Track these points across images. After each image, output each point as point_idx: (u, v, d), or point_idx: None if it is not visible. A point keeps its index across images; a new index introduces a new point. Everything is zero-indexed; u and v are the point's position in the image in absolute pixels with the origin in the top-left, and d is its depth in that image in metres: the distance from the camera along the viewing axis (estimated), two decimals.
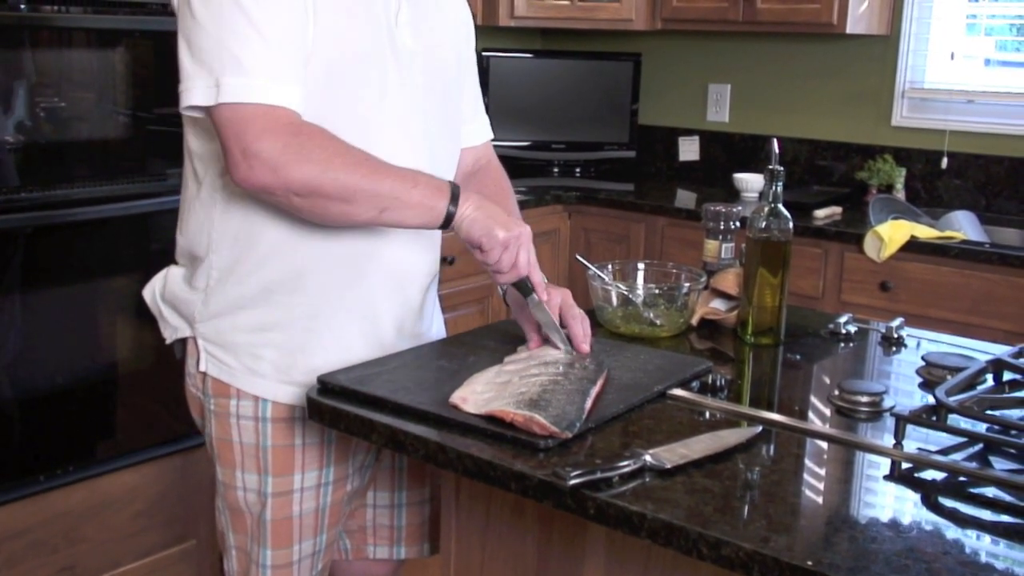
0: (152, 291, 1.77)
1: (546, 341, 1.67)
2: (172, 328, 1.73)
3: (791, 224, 1.83)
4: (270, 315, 1.65)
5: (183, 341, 1.73)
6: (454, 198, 1.56)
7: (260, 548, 1.72)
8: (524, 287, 1.63)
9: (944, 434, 1.41)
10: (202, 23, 1.48)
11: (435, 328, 1.89)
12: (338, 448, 1.72)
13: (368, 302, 1.69)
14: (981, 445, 1.40)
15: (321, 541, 1.76)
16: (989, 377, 1.62)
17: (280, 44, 1.49)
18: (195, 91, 1.49)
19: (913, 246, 3.03)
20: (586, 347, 1.65)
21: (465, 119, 1.90)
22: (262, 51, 1.48)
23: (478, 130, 1.95)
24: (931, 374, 1.68)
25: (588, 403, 1.42)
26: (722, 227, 2.02)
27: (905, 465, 1.35)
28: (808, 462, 1.38)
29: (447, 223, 1.57)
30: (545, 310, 1.64)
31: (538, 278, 1.64)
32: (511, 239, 1.58)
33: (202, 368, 1.69)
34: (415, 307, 1.77)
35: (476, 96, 1.95)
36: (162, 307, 1.74)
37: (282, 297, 1.64)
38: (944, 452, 1.37)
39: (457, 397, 1.45)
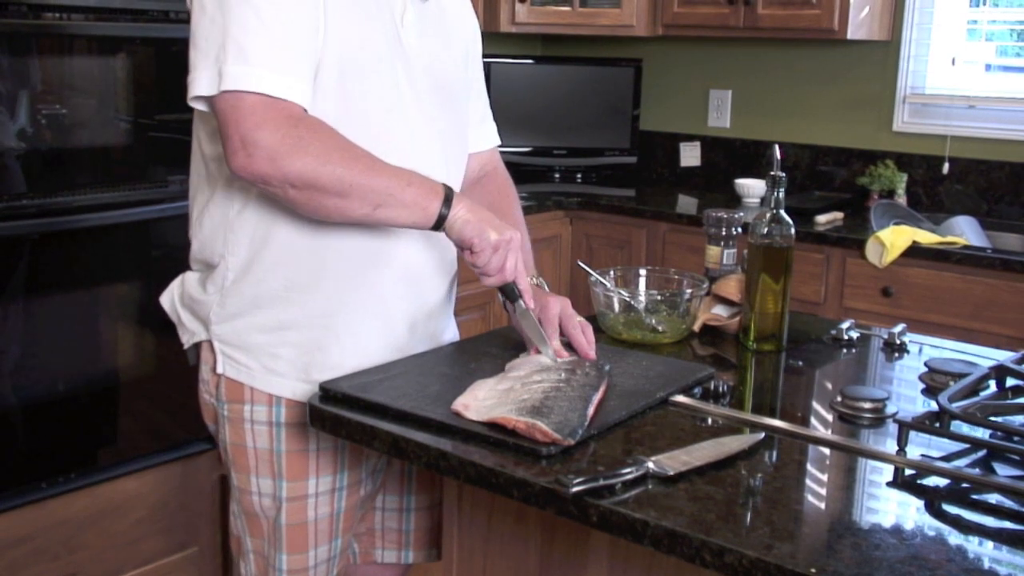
0: (171, 296, 1.77)
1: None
2: (189, 332, 1.73)
3: (793, 230, 1.83)
4: (287, 314, 1.65)
5: (197, 347, 1.73)
6: (447, 200, 1.56)
7: (276, 552, 1.72)
8: (510, 292, 1.64)
9: (947, 440, 1.40)
10: (211, 16, 1.50)
11: (450, 331, 1.89)
12: (351, 453, 1.72)
13: (382, 300, 1.69)
14: (984, 451, 1.40)
15: (336, 546, 1.76)
16: (992, 383, 1.62)
17: (287, 39, 1.50)
18: (200, 81, 1.50)
19: (915, 251, 3.03)
20: (592, 353, 1.65)
21: (472, 124, 1.90)
22: (268, 43, 1.49)
23: (485, 135, 1.96)
24: (934, 380, 1.68)
25: (590, 410, 1.42)
26: (724, 233, 2.02)
27: (908, 472, 1.35)
28: (811, 469, 1.37)
29: (439, 224, 1.57)
30: (530, 317, 1.65)
31: (525, 284, 1.65)
32: (502, 242, 1.58)
33: (219, 370, 1.69)
34: (430, 307, 1.77)
35: (483, 101, 1.96)
36: (180, 312, 1.74)
37: (298, 295, 1.64)
38: (947, 459, 1.37)
39: (459, 404, 1.45)
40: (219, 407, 1.72)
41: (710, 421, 1.51)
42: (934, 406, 1.45)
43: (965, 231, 3.22)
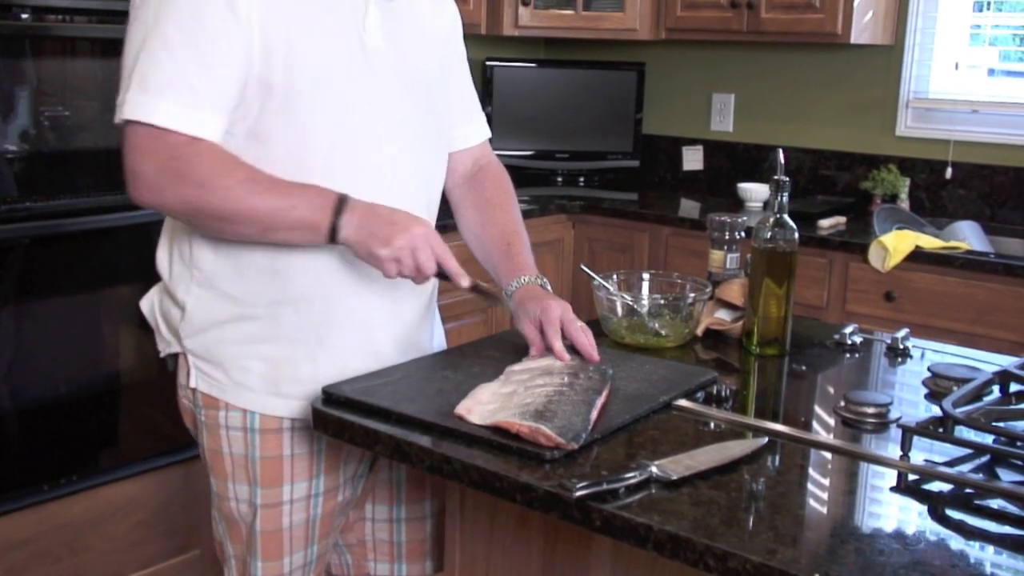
0: (150, 303, 1.76)
1: (548, 349, 1.66)
2: (165, 342, 1.73)
3: (796, 234, 1.83)
4: (256, 328, 1.64)
5: (174, 355, 1.73)
6: (337, 213, 1.53)
7: (252, 559, 1.71)
8: (443, 277, 1.60)
9: (951, 446, 1.40)
10: (131, 42, 1.53)
11: (436, 340, 1.87)
12: (328, 459, 1.71)
13: (358, 312, 1.67)
14: (988, 457, 1.39)
15: (312, 552, 1.74)
16: (996, 388, 1.62)
17: (196, 68, 1.51)
18: (118, 109, 1.53)
19: (918, 256, 3.03)
20: (596, 356, 1.64)
21: (459, 121, 1.88)
22: (170, 73, 1.50)
23: (475, 130, 1.93)
24: (937, 385, 1.67)
25: (594, 414, 1.42)
26: (727, 237, 2.02)
27: (912, 477, 1.35)
28: (814, 473, 1.37)
29: (336, 241, 1.54)
30: (478, 289, 1.65)
31: (452, 266, 1.59)
32: (396, 252, 1.53)
33: (192, 384, 1.69)
34: (410, 317, 1.75)
35: (469, 96, 1.92)
36: (158, 320, 1.74)
37: (265, 310, 1.63)
38: (951, 464, 1.37)
39: (462, 408, 1.45)
40: (196, 412, 1.72)
41: (713, 425, 1.50)
42: (937, 411, 1.45)
43: (968, 236, 3.22)
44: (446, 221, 1.83)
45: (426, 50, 1.76)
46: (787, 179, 1.83)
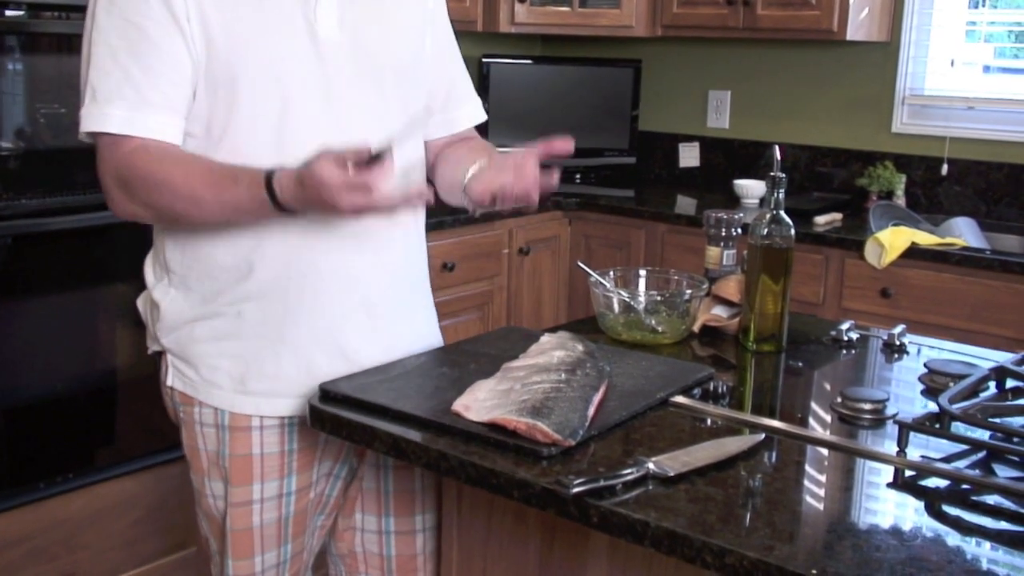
0: (143, 302, 1.78)
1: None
2: (152, 339, 1.75)
3: (793, 231, 1.83)
4: (223, 325, 1.65)
5: (159, 353, 1.74)
6: (271, 190, 1.49)
7: (224, 557, 1.71)
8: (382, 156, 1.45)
9: (947, 442, 1.40)
10: (83, 56, 1.56)
11: (428, 338, 1.82)
12: (301, 457, 1.70)
13: (324, 310, 1.65)
14: (984, 453, 1.39)
15: (286, 551, 1.73)
16: (992, 384, 1.62)
17: (138, 72, 1.52)
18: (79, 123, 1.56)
19: (914, 253, 3.03)
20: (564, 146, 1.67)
21: (439, 107, 1.83)
22: (116, 80, 1.52)
23: (468, 115, 1.90)
24: (934, 381, 1.68)
25: (591, 410, 1.42)
26: (724, 234, 2.02)
27: (908, 473, 1.35)
28: (810, 470, 1.37)
29: (282, 208, 1.50)
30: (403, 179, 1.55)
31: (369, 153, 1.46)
32: (339, 205, 1.44)
33: (169, 382, 1.70)
34: (377, 312, 1.71)
35: (460, 77, 1.88)
36: (147, 318, 1.76)
37: (232, 306, 1.64)
38: (947, 460, 1.37)
39: (459, 405, 1.45)
40: (176, 409, 1.73)
41: (710, 422, 1.51)
42: (934, 407, 1.45)
43: (964, 232, 3.22)
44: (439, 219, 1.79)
45: (396, 38, 1.70)
46: (783, 176, 1.83)
